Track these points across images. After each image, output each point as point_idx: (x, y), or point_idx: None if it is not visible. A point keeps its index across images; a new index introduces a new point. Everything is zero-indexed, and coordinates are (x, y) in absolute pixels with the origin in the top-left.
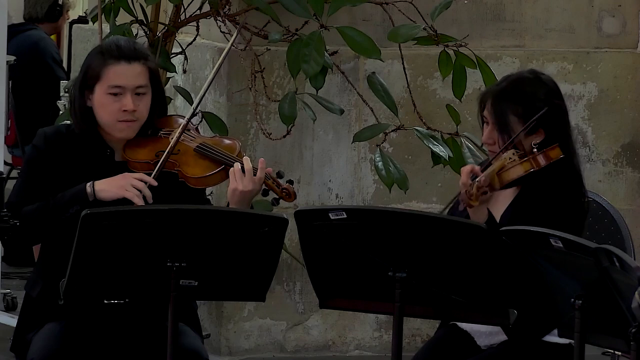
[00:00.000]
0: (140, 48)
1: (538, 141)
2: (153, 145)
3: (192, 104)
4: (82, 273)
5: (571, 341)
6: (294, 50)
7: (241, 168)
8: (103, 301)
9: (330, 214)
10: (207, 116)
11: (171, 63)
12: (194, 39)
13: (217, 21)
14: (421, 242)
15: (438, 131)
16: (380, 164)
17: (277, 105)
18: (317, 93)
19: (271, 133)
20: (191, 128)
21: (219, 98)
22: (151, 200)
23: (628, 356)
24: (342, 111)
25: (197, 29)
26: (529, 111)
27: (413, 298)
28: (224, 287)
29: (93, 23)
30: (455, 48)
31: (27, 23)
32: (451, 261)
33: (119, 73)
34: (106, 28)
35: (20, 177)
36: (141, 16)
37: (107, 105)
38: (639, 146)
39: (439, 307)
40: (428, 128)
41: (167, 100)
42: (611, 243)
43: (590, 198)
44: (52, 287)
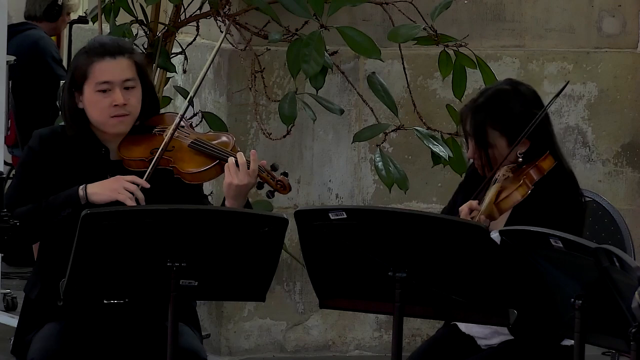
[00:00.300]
0: (123, 43)
1: (523, 151)
2: (148, 143)
3: (192, 104)
4: (82, 273)
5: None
6: (294, 50)
7: (235, 162)
8: (103, 301)
9: (330, 214)
10: (207, 116)
11: (171, 63)
12: (194, 39)
13: (217, 21)
14: (421, 242)
15: (438, 131)
16: (380, 164)
17: (277, 105)
18: (317, 93)
19: (271, 133)
20: (185, 125)
21: (219, 98)
22: (144, 202)
23: (628, 356)
24: (342, 111)
25: (197, 29)
26: (508, 125)
27: (413, 298)
28: (224, 287)
29: (93, 23)
30: (455, 48)
31: (27, 23)
32: (451, 261)
33: (105, 69)
34: (106, 28)
35: (14, 179)
36: (141, 16)
37: (97, 102)
38: (639, 146)
39: (439, 307)
40: (428, 128)
41: (167, 100)
42: (611, 243)
43: (590, 198)
44: (51, 289)
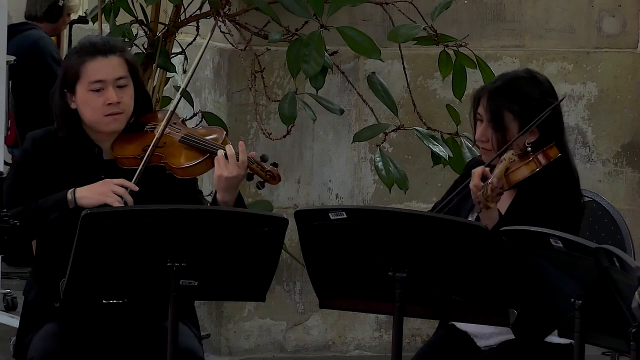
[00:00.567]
0: (114, 42)
1: (532, 140)
2: (139, 140)
3: (192, 104)
4: (82, 273)
5: (571, 341)
6: (294, 50)
7: (224, 155)
8: (102, 301)
9: (330, 214)
10: (207, 116)
11: (171, 63)
12: (194, 39)
13: (217, 21)
14: (421, 242)
15: (438, 131)
16: (380, 164)
17: (277, 105)
18: (317, 93)
19: (271, 133)
20: (177, 121)
21: (219, 98)
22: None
23: (628, 356)
24: (342, 111)
25: (197, 29)
26: (525, 109)
27: (413, 298)
28: (224, 287)
29: (93, 23)
30: (455, 48)
31: (27, 23)
32: (451, 261)
33: (97, 68)
34: (106, 28)
35: (7, 180)
36: (141, 16)
37: (91, 101)
38: (639, 146)
39: (439, 307)
40: (428, 128)
41: (167, 100)
42: (611, 243)
43: (590, 198)
44: (48, 290)
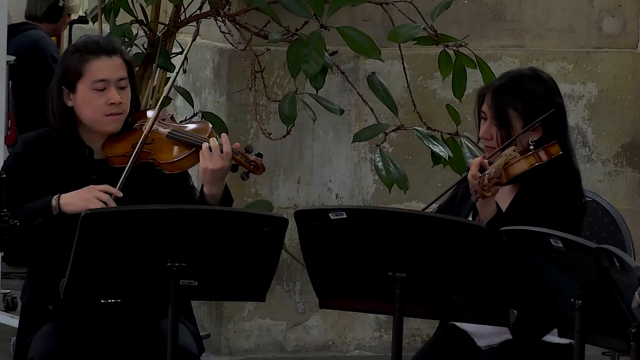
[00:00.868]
0: (116, 43)
1: (535, 138)
2: (129, 138)
3: (192, 105)
4: (82, 273)
5: (571, 341)
6: (294, 50)
7: (209, 147)
8: (100, 301)
9: (330, 214)
10: (207, 116)
11: (171, 63)
12: (194, 39)
13: (217, 21)
14: (421, 242)
15: (438, 131)
16: (380, 164)
17: (277, 105)
18: (317, 93)
19: (271, 133)
20: (165, 117)
21: (219, 98)
22: None
23: (628, 356)
24: (342, 111)
25: (197, 29)
26: (529, 107)
27: (413, 298)
28: (224, 287)
29: (93, 23)
30: (455, 48)
31: (27, 23)
32: (451, 261)
33: (102, 67)
34: (106, 28)
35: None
36: (141, 16)
37: (93, 100)
38: (639, 146)
39: (439, 307)
40: (428, 128)
41: (167, 100)
42: (611, 243)
43: (590, 198)
44: (42, 293)
